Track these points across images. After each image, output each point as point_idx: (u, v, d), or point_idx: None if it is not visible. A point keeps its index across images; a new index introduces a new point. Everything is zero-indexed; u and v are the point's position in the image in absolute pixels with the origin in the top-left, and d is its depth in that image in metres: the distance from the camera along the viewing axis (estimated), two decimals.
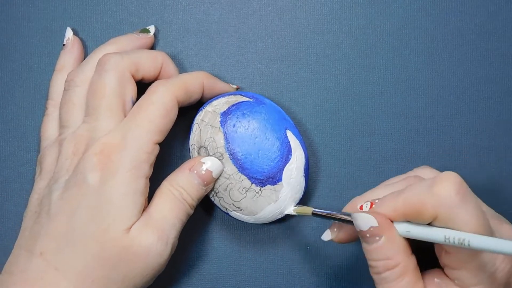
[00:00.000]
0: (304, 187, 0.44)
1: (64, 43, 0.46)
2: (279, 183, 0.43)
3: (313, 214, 0.41)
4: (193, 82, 0.43)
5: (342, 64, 0.47)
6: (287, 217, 0.46)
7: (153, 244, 0.40)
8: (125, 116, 0.41)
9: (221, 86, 0.45)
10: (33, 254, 0.39)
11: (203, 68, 0.47)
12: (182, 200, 0.41)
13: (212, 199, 0.44)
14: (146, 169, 0.40)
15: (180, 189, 0.42)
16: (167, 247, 0.40)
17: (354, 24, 0.47)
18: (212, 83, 0.44)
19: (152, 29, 0.47)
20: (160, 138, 0.41)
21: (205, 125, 0.43)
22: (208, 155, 0.43)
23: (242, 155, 0.42)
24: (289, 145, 0.43)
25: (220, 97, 0.44)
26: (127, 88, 0.42)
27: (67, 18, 0.47)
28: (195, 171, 0.42)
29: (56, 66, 0.46)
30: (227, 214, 0.44)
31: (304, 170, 0.44)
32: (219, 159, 0.42)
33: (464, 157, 0.47)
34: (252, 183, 0.42)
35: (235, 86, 0.46)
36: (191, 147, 0.44)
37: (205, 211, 0.47)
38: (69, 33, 0.46)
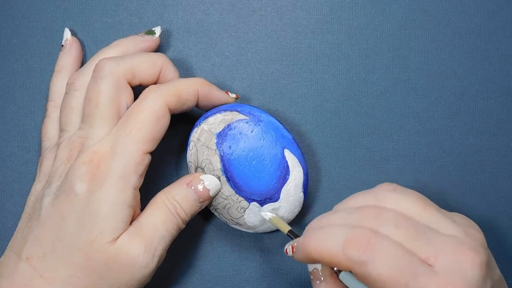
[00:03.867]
0: (304, 201, 0.44)
1: (62, 44, 0.46)
2: (277, 202, 0.43)
3: (288, 233, 0.41)
4: (187, 90, 0.42)
5: (342, 64, 0.47)
6: None
7: (139, 255, 0.39)
8: None
9: (217, 94, 0.43)
10: (20, 258, 0.39)
11: (203, 68, 0.47)
12: (176, 214, 0.41)
13: (212, 211, 0.44)
14: (134, 180, 0.39)
15: (175, 203, 0.41)
16: (153, 259, 0.40)
17: (354, 24, 0.47)
18: (207, 91, 0.43)
19: (158, 30, 0.46)
20: (150, 147, 0.40)
21: (201, 145, 0.43)
22: None
23: (239, 178, 0.42)
24: (287, 165, 0.43)
25: (216, 112, 0.43)
26: (122, 95, 0.41)
27: (67, 18, 0.47)
28: (193, 187, 0.42)
29: (55, 67, 0.46)
30: (227, 224, 0.44)
31: (303, 186, 0.44)
32: None
33: (464, 157, 0.47)
34: (249, 203, 0.42)
35: (234, 95, 0.45)
36: (188, 163, 0.44)
37: (204, 212, 0.47)
38: (67, 34, 0.46)
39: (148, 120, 0.40)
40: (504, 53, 0.47)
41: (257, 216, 0.43)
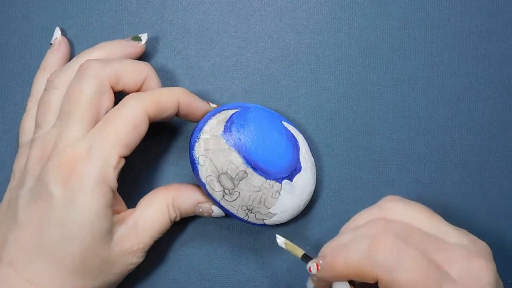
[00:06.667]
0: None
1: (51, 42, 0.46)
2: (302, 171, 0.44)
3: (303, 258, 0.40)
4: (168, 98, 0.41)
5: (342, 64, 0.47)
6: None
7: (133, 256, 0.41)
8: None
9: (198, 104, 0.43)
10: (2, 261, 0.39)
11: (203, 68, 0.47)
12: (173, 220, 0.43)
13: (246, 218, 0.44)
14: (112, 183, 0.39)
15: (178, 213, 0.43)
16: (142, 258, 0.42)
17: (354, 24, 0.47)
18: (189, 101, 0.42)
19: (144, 37, 0.45)
20: (126, 152, 0.40)
21: (213, 153, 0.42)
22: (231, 178, 0.42)
23: (263, 162, 0.42)
24: (291, 133, 0.44)
25: (206, 120, 0.43)
26: (103, 98, 0.41)
27: (67, 18, 0.47)
28: (201, 210, 0.43)
29: (41, 64, 0.45)
30: (263, 225, 0.44)
31: (310, 150, 0.45)
32: (244, 177, 0.42)
33: (464, 157, 0.47)
34: (281, 183, 0.43)
35: (214, 105, 0.44)
36: (207, 180, 0.42)
37: None
38: (57, 33, 0.46)
39: (127, 126, 0.39)
40: (504, 53, 0.47)
41: (292, 195, 0.43)
